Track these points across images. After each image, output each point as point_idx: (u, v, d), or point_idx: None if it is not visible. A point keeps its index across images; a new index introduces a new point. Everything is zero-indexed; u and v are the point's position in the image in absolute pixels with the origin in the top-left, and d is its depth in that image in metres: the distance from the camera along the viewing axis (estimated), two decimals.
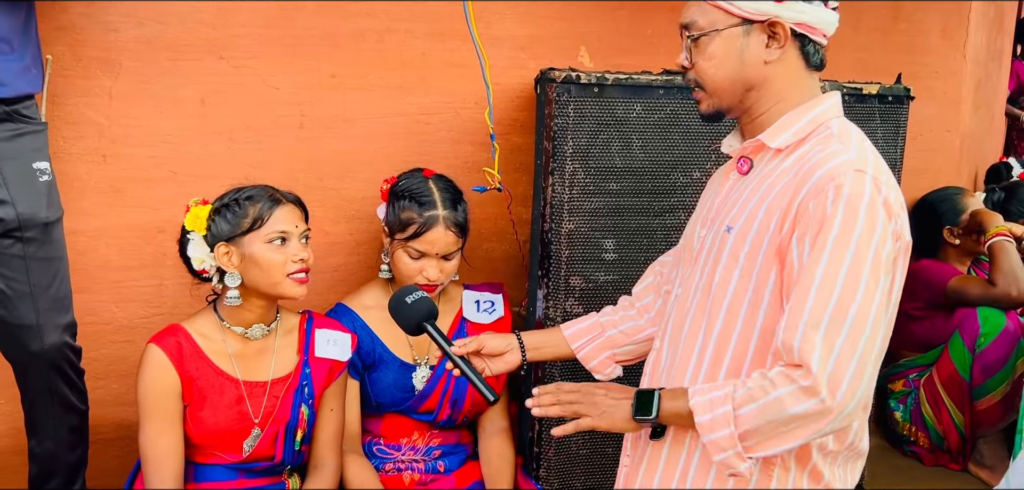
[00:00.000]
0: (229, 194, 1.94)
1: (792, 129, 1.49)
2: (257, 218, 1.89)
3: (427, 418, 2.20)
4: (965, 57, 3.21)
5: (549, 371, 2.27)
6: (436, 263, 2.08)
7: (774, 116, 1.50)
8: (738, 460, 1.41)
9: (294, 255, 1.91)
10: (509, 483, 2.17)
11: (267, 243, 1.89)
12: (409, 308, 1.75)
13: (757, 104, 1.51)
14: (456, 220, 2.10)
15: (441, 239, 2.07)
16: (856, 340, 1.34)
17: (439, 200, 2.09)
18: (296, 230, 1.93)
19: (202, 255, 1.91)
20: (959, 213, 3.05)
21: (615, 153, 2.19)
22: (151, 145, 2.22)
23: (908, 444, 3.08)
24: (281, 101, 2.30)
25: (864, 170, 1.39)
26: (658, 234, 2.24)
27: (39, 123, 1.93)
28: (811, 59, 1.50)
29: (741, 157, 1.56)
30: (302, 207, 1.99)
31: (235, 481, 1.98)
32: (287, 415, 1.98)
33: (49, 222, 1.90)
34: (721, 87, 1.50)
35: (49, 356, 1.91)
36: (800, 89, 1.50)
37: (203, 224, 1.91)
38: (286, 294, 1.92)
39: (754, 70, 1.48)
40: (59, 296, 1.93)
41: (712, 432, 1.41)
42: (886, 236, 1.38)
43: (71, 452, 2.05)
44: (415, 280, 2.07)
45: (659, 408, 1.49)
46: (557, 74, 2.15)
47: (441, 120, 2.44)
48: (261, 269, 1.89)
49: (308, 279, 1.93)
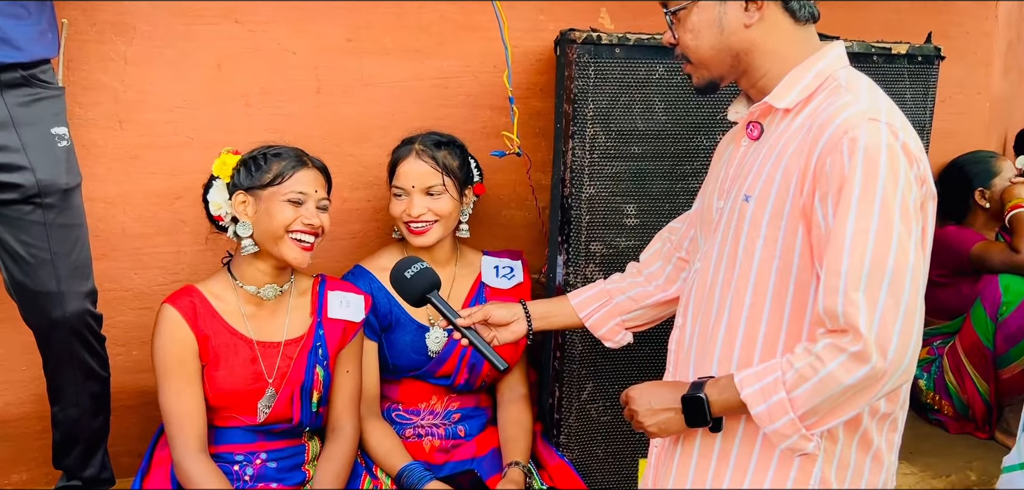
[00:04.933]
0: (259, 149, 1.99)
1: (798, 86, 1.44)
2: (279, 174, 1.93)
3: (445, 382, 2.19)
4: (997, 17, 3.12)
5: (570, 339, 2.26)
6: (418, 198, 2.09)
7: (776, 76, 1.46)
8: (804, 442, 1.38)
9: (305, 217, 1.92)
10: (525, 451, 2.17)
11: (283, 200, 1.92)
12: (409, 282, 1.75)
13: (752, 68, 1.48)
14: (432, 153, 2.10)
15: (414, 169, 2.09)
16: (899, 294, 1.30)
17: (415, 139, 2.13)
18: (314, 194, 1.95)
19: (221, 201, 1.96)
20: (991, 176, 3.01)
21: (637, 116, 2.15)
22: (167, 110, 2.20)
23: (933, 412, 3.05)
24: (298, 65, 2.28)
25: (878, 118, 1.35)
26: (681, 198, 2.20)
27: (56, 88, 1.92)
28: (799, 14, 1.46)
29: (750, 122, 1.52)
30: (327, 175, 2.02)
31: (254, 444, 2.00)
32: (301, 376, 1.99)
33: (68, 188, 1.89)
34: (707, 58, 1.48)
35: (70, 323, 1.92)
36: (796, 45, 1.46)
37: (228, 171, 1.96)
38: (285, 255, 1.93)
39: (736, 36, 1.45)
40: (79, 263, 1.93)
41: (771, 422, 1.38)
42: (910, 182, 1.34)
43: (93, 419, 2.07)
44: (402, 220, 2.10)
45: (710, 408, 1.46)
46: (577, 35, 2.11)
47: (459, 84, 2.41)
48: (270, 221, 1.91)
49: (312, 248, 1.95)
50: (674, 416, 1.50)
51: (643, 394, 1.55)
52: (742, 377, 1.41)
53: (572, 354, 2.26)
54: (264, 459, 2.01)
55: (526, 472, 2.12)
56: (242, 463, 1.99)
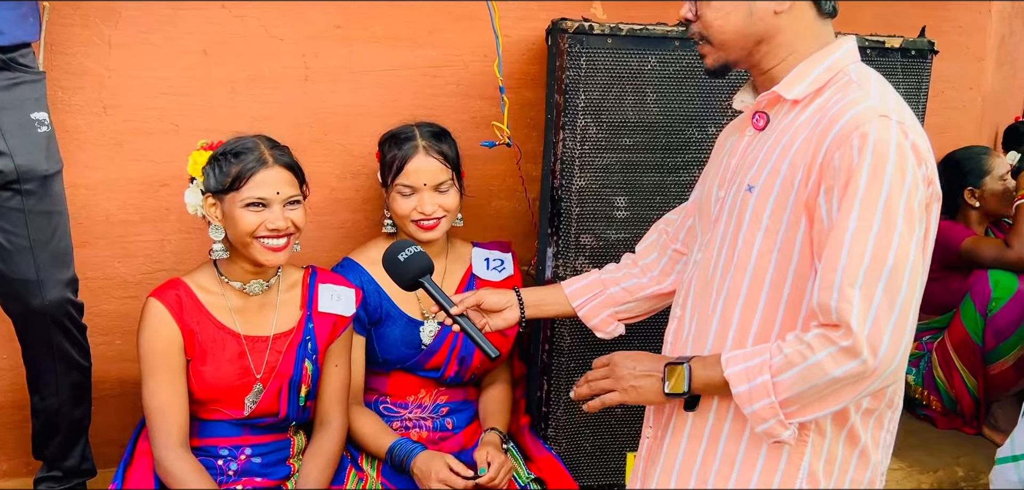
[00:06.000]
0: (226, 145, 1.91)
1: (809, 78, 1.42)
2: (238, 178, 1.85)
3: (434, 375, 2.17)
4: (990, 12, 3.12)
5: (559, 332, 2.24)
6: (429, 195, 2.06)
7: (787, 67, 1.44)
8: (781, 428, 1.38)
9: (270, 221, 1.85)
10: (504, 422, 2.17)
11: (243, 206, 1.85)
12: (402, 265, 1.72)
13: (768, 57, 1.45)
14: (438, 148, 2.08)
15: (424, 166, 2.06)
16: (894, 295, 1.29)
17: (418, 133, 2.10)
18: (277, 197, 1.86)
19: (195, 203, 1.91)
20: (983, 175, 3.01)
21: (628, 107, 2.13)
22: (152, 96, 2.17)
23: (921, 407, 3.05)
24: (285, 52, 2.25)
25: (889, 116, 1.33)
26: (672, 191, 2.19)
27: (36, 72, 1.89)
28: (824, 6, 1.44)
29: (756, 112, 1.50)
30: (295, 171, 1.92)
31: (240, 437, 1.97)
32: (290, 370, 1.96)
33: (48, 175, 1.86)
34: (730, 40, 1.44)
35: (50, 312, 1.89)
36: (813, 38, 1.44)
37: (199, 170, 1.89)
38: (256, 258, 1.88)
39: (764, 21, 1.42)
40: (59, 251, 1.90)
41: (751, 403, 1.38)
42: (917, 182, 1.33)
43: (74, 408, 2.04)
44: (411, 217, 2.07)
45: (691, 381, 1.46)
46: (569, 24, 2.08)
47: (450, 73, 2.38)
48: (235, 227, 1.86)
49: (285, 247, 1.88)
50: (654, 382, 1.50)
51: (628, 358, 1.56)
52: (729, 357, 1.41)
53: (561, 348, 2.24)
54: (249, 453, 1.98)
55: (503, 437, 2.12)
56: (226, 457, 1.96)
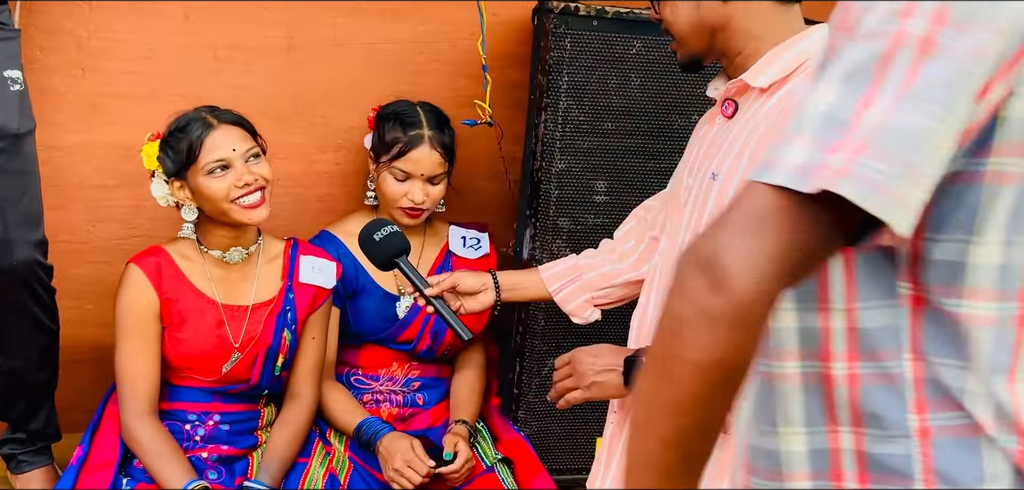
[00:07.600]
0: (171, 126, 1.90)
1: (776, 65, 1.41)
2: (190, 149, 1.84)
3: (406, 348, 2.16)
4: None
5: (533, 314, 2.22)
6: (421, 185, 2.05)
7: (754, 55, 1.43)
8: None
9: (238, 180, 1.84)
10: (474, 413, 2.16)
11: (207, 174, 1.84)
12: (377, 245, 1.71)
13: (730, 45, 1.44)
14: (442, 141, 2.06)
15: (426, 159, 2.04)
16: None
17: (425, 121, 2.07)
18: (235, 153, 1.86)
19: (163, 193, 1.90)
20: None
21: (612, 91, 2.11)
22: (131, 60, 2.14)
23: None
24: (269, 21, 2.21)
25: None
26: (652, 177, 2.16)
27: (11, 30, 1.87)
28: None
29: (726, 100, 1.49)
30: (244, 126, 1.91)
31: (210, 404, 1.98)
32: (269, 339, 1.96)
33: (20, 134, 1.84)
34: (685, 33, 1.46)
35: (18, 273, 1.87)
36: (777, 24, 1.42)
37: (156, 162, 1.89)
38: (238, 220, 1.87)
39: (712, 11, 1.42)
40: (30, 212, 1.88)
41: None
42: None
43: (40, 372, 2.02)
44: (400, 203, 2.05)
45: None
46: (555, 5, 2.06)
47: (436, 50, 2.35)
48: (207, 200, 1.85)
49: (263, 200, 1.87)
50: (615, 376, 1.51)
51: (589, 353, 1.57)
52: None
53: (535, 330, 2.23)
54: (217, 420, 1.98)
55: (471, 431, 2.11)
56: (194, 422, 1.97)
